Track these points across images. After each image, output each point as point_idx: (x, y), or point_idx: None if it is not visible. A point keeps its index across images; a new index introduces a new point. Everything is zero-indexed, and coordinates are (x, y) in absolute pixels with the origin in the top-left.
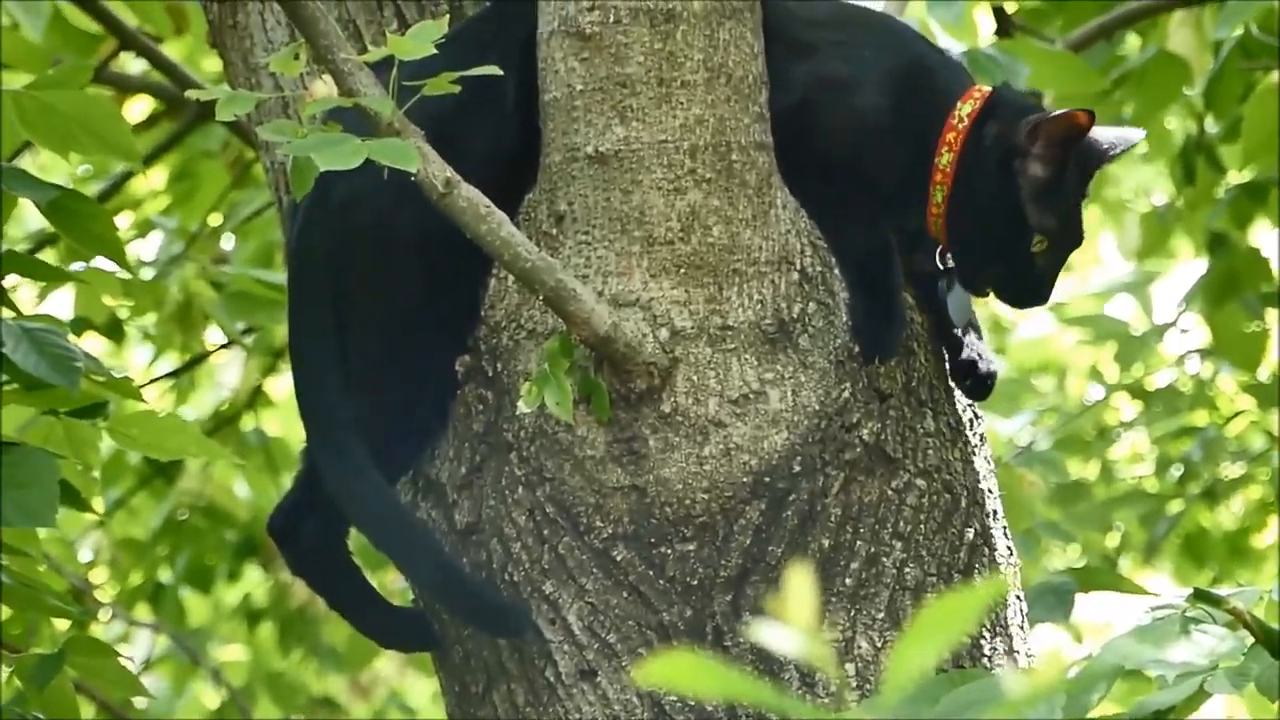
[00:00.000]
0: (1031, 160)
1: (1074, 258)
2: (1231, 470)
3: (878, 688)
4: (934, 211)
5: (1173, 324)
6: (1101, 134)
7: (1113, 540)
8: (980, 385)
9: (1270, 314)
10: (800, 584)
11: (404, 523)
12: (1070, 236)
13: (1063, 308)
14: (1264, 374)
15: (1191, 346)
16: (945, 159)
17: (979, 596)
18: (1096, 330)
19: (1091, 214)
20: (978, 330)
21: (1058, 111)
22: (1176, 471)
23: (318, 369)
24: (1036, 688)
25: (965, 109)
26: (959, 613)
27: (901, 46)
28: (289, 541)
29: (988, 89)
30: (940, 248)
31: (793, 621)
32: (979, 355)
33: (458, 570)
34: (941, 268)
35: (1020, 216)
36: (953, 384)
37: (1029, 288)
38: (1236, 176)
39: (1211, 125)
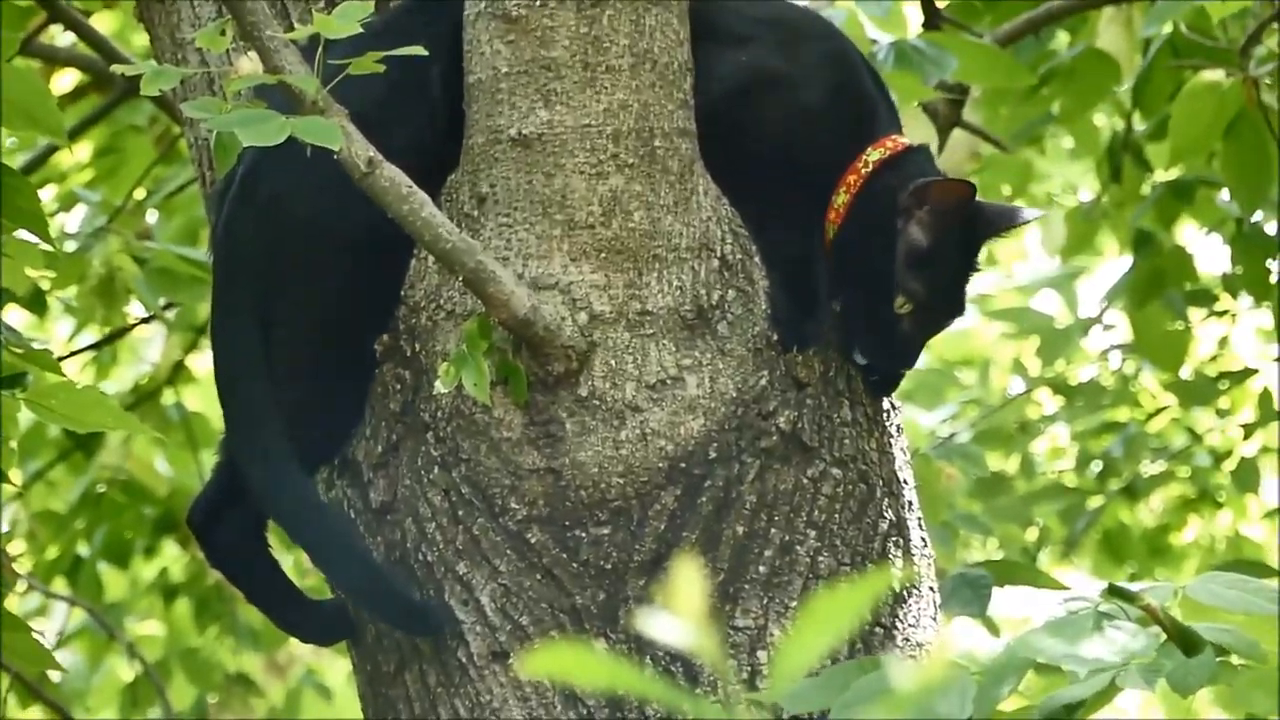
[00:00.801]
0: (913, 223)
1: (1000, 251)
2: (1152, 467)
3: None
4: (825, 246)
5: (1097, 320)
6: (994, 208)
7: (1032, 535)
8: (888, 382)
9: (1193, 314)
10: (688, 573)
11: (322, 519)
12: (941, 306)
13: (987, 300)
14: (1186, 372)
15: (1115, 342)
16: (841, 198)
17: (870, 586)
18: (1020, 324)
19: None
20: None
21: (946, 179)
22: (1097, 467)
23: (240, 360)
24: (927, 677)
25: (874, 155)
26: (850, 602)
27: (845, 61)
28: (209, 535)
29: (905, 142)
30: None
31: (680, 610)
32: None
33: (375, 569)
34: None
35: (889, 274)
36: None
37: (887, 346)
38: (1163, 175)
39: (1139, 123)
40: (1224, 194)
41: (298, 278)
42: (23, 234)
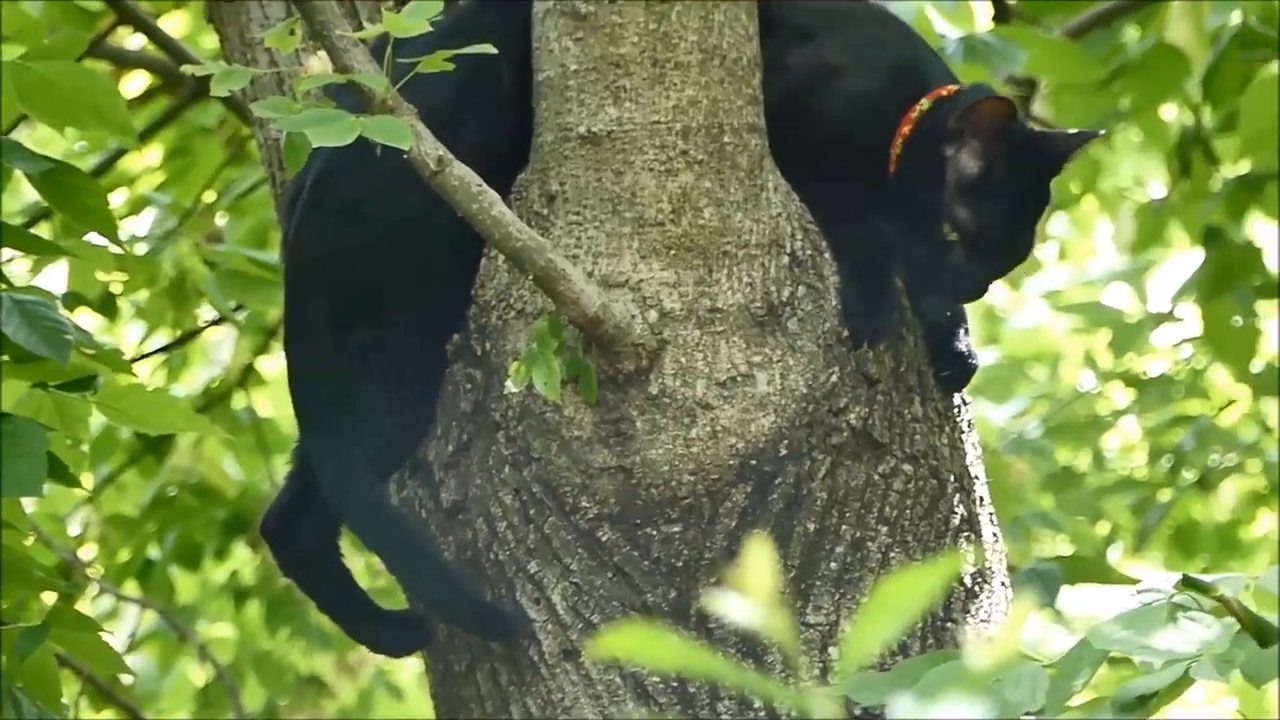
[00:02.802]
0: (964, 150)
1: (1070, 248)
2: (1223, 461)
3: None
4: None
5: (1168, 314)
6: (1056, 135)
7: (1103, 530)
8: (961, 377)
9: (1262, 307)
10: (758, 557)
11: (395, 525)
12: (996, 240)
13: (1058, 295)
14: (1257, 365)
15: (1185, 336)
16: (897, 149)
17: (936, 572)
18: (1090, 318)
19: (1088, 204)
20: (965, 324)
21: (988, 97)
22: (1168, 461)
23: (312, 365)
24: (999, 664)
25: (926, 104)
26: (917, 588)
27: (900, 42)
28: (281, 544)
29: (955, 87)
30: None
31: (751, 594)
32: (968, 349)
33: (448, 574)
34: None
35: (938, 203)
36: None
37: (935, 279)
38: (1232, 169)
39: (1208, 117)
40: None
41: (369, 282)
42: (93, 237)
